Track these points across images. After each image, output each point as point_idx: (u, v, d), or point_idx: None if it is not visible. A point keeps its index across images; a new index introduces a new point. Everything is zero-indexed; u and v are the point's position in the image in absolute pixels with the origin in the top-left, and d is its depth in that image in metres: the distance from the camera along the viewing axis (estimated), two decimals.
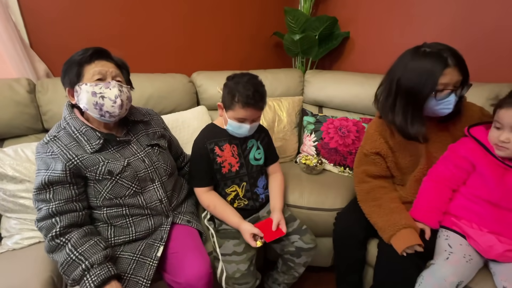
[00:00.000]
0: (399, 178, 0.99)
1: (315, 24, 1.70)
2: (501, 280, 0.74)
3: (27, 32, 1.22)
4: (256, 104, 0.88)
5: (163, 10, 1.53)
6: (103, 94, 0.76)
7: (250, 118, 0.91)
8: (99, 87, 0.76)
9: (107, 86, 0.77)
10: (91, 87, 0.76)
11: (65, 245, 0.71)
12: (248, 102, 0.86)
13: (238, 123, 0.91)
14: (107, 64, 0.80)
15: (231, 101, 0.89)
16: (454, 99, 0.81)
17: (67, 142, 0.77)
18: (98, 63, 0.78)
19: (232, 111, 0.90)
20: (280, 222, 0.94)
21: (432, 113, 0.85)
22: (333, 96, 1.55)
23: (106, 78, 0.79)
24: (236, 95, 0.87)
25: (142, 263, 0.78)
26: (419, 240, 0.81)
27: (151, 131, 0.94)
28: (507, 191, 0.78)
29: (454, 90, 0.80)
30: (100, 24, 1.37)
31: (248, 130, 0.92)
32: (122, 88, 0.80)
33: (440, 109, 0.83)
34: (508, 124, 0.73)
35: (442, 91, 0.80)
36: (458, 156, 0.86)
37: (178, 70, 1.52)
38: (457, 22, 1.33)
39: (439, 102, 0.81)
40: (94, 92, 0.76)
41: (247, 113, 0.88)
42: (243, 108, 0.87)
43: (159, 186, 0.88)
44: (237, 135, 0.97)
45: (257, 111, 0.91)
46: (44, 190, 0.74)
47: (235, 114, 0.90)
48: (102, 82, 0.77)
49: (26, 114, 1.07)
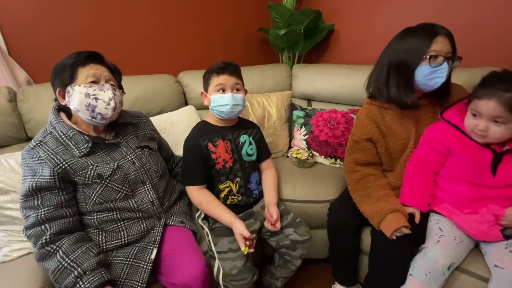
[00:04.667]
0: (388, 163, 1.01)
1: (299, 18, 1.70)
2: (492, 259, 0.75)
3: (4, 39, 1.18)
4: (227, 68, 0.94)
5: (146, 10, 1.50)
6: (97, 96, 0.77)
7: (228, 84, 0.94)
8: (93, 89, 0.77)
9: (101, 89, 0.78)
10: (84, 89, 0.76)
11: (56, 252, 0.69)
12: (220, 67, 0.94)
13: (219, 94, 0.94)
14: (101, 68, 0.81)
15: (207, 78, 0.97)
16: (447, 68, 0.81)
17: (54, 146, 0.76)
18: (93, 66, 0.79)
19: (210, 86, 0.96)
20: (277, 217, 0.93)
21: (426, 84, 0.85)
22: (321, 89, 1.56)
23: (100, 81, 0.79)
24: (209, 71, 0.97)
25: (136, 267, 0.77)
26: (406, 222, 0.83)
27: (140, 133, 0.94)
28: (482, 169, 0.80)
29: (446, 59, 0.81)
30: (81, 28, 1.34)
31: (231, 99, 0.93)
32: (115, 92, 0.81)
33: (434, 78, 0.83)
34: (488, 114, 0.75)
35: (436, 58, 0.81)
36: (433, 140, 0.88)
37: (164, 71, 1.50)
38: (440, 11, 1.36)
39: (433, 69, 0.82)
40: (87, 94, 0.76)
41: (222, 78, 0.94)
42: (217, 76, 0.94)
43: (150, 188, 0.87)
44: (224, 113, 0.95)
45: (232, 77, 0.95)
46: (31, 197, 0.72)
47: (213, 86, 0.95)
48: (96, 85, 0.78)
49: (8, 123, 1.04)
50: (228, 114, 0.96)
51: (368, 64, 1.42)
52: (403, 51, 0.85)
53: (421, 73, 0.84)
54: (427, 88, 0.86)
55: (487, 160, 0.79)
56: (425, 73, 0.83)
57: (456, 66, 0.84)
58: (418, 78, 0.85)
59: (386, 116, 0.95)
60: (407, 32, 0.87)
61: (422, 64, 0.83)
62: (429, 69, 0.82)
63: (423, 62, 0.82)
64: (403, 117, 0.95)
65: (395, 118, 0.95)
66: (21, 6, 1.19)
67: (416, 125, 0.94)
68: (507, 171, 0.78)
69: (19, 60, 1.22)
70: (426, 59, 0.82)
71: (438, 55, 0.81)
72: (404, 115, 0.94)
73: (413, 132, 0.94)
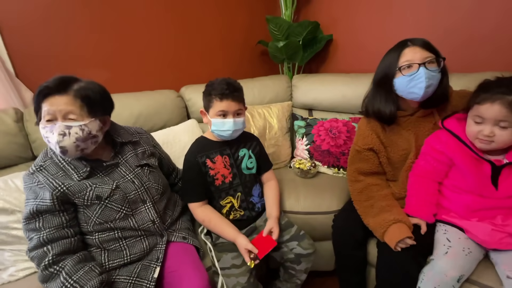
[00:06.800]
0: (391, 173, 1.00)
1: (298, 30, 1.72)
2: (504, 269, 0.73)
3: (11, 61, 1.23)
4: (231, 94, 0.90)
5: (148, 27, 1.54)
6: (48, 138, 0.72)
7: (230, 110, 0.91)
8: (46, 130, 0.71)
9: (51, 130, 0.70)
10: (42, 129, 0.72)
11: (59, 273, 0.70)
12: (223, 93, 0.90)
13: (221, 118, 0.92)
14: (58, 101, 0.71)
15: (209, 100, 0.93)
16: (425, 72, 0.82)
17: (54, 172, 0.77)
18: (48, 100, 0.71)
19: (212, 108, 0.93)
20: (273, 230, 0.92)
21: (412, 92, 0.86)
22: (321, 99, 1.56)
23: (56, 117, 0.71)
24: (212, 92, 0.92)
25: (139, 286, 0.77)
26: (409, 233, 0.81)
27: (140, 151, 0.93)
28: (484, 181, 0.79)
29: (422, 64, 0.82)
30: (85, 47, 1.38)
31: (233, 125, 0.92)
32: (68, 130, 0.70)
33: (416, 85, 0.84)
34: (492, 118, 0.74)
35: (409, 67, 0.84)
36: (435, 151, 0.87)
37: (166, 86, 1.53)
38: (433, 19, 1.37)
39: (411, 78, 0.84)
40: (43, 135, 0.72)
41: (225, 104, 0.91)
42: (220, 101, 0.90)
43: (151, 207, 0.87)
44: (225, 136, 0.95)
45: (235, 103, 0.92)
46: (33, 219, 0.73)
47: (215, 110, 0.92)
48: (50, 124, 0.71)
49: (15, 143, 1.07)
50: (229, 137, 0.96)
51: (367, 72, 1.43)
52: (381, 70, 0.92)
53: (399, 85, 0.88)
54: (416, 96, 0.86)
55: (487, 173, 0.78)
56: (404, 83, 0.86)
57: (439, 67, 0.85)
58: (400, 90, 0.89)
59: (386, 127, 0.96)
60: (385, 54, 0.93)
61: (397, 76, 0.87)
62: (406, 78, 0.85)
63: (397, 74, 0.87)
64: (403, 128, 0.95)
65: (394, 129, 0.96)
66: (28, 29, 1.24)
67: (415, 136, 0.94)
68: (509, 184, 0.77)
69: (26, 81, 1.26)
70: (398, 71, 0.86)
71: (412, 64, 0.84)
72: (403, 126, 0.95)
73: (413, 143, 0.94)
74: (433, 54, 0.85)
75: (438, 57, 0.85)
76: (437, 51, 0.86)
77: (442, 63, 0.86)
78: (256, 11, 1.92)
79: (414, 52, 0.84)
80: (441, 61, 0.85)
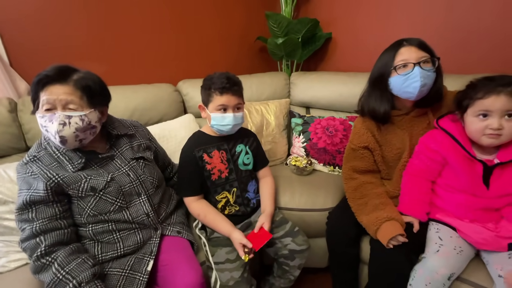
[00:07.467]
0: (386, 172, 1.01)
1: (297, 27, 1.72)
2: (496, 269, 0.74)
3: (6, 51, 1.20)
4: (231, 88, 0.90)
5: (146, 21, 1.53)
6: (46, 127, 0.70)
7: (231, 104, 0.91)
8: (44, 119, 0.70)
9: (51, 119, 0.70)
10: (39, 118, 0.71)
11: (51, 264, 0.69)
12: (224, 87, 0.89)
13: (221, 113, 0.91)
14: (58, 90, 0.70)
15: (208, 94, 0.92)
16: (420, 72, 0.83)
17: (48, 163, 0.76)
18: (48, 89, 0.70)
19: (211, 103, 0.92)
20: (263, 226, 0.92)
21: (407, 91, 0.87)
22: (319, 97, 1.56)
23: (56, 107, 0.71)
24: (211, 87, 0.91)
25: (132, 279, 0.77)
26: (401, 230, 0.82)
27: (135, 144, 0.93)
28: (476, 181, 0.79)
29: (417, 63, 0.83)
30: (80, 39, 1.36)
31: (233, 119, 0.92)
32: (68, 120, 0.70)
33: (411, 84, 0.85)
34: (499, 109, 0.73)
35: (405, 67, 0.85)
36: (429, 150, 0.88)
37: (164, 80, 1.52)
38: (430, 18, 1.37)
39: (406, 77, 0.85)
40: (41, 125, 0.71)
41: (225, 98, 0.90)
42: (220, 95, 0.90)
43: (146, 200, 0.86)
44: (224, 131, 0.95)
45: (235, 97, 0.91)
46: (26, 210, 0.72)
47: (215, 104, 0.91)
48: (49, 113, 0.70)
49: (9, 134, 1.05)
50: (228, 132, 0.96)
51: (365, 71, 1.43)
52: (377, 69, 0.93)
53: (395, 84, 0.88)
54: (411, 95, 0.87)
55: (479, 172, 0.79)
56: (399, 82, 0.87)
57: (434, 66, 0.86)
58: (395, 89, 0.90)
59: (381, 126, 0.97)
60: (381, 53, 0.94)
61: (392, 75, 0.88)
62: (401, 78, 0.86)
63: (393, 74, 0.88)
64: (398, 127, 0.96)
65: (389, 128, 0.97)
66: (23, 18, 1.22)
67: (410, 135, 0.95)
68: (500, 184, 0.78)
69: (20, 71, 1.24)
70: (393, 70, 0.87)
71: (407, 63, 0.85)
72: (398, 125, 0.96)
73: (407, 142, 0.95)
74: (428, 54, 0.85)
75: (433, 57, 0.86)
76: (432, 51, 0.87)
77: (437, 63, 0.87)
78: (255, 7, 1.90)
79: (410, 51, 0.85)
80: (436, 61, 0.86)
